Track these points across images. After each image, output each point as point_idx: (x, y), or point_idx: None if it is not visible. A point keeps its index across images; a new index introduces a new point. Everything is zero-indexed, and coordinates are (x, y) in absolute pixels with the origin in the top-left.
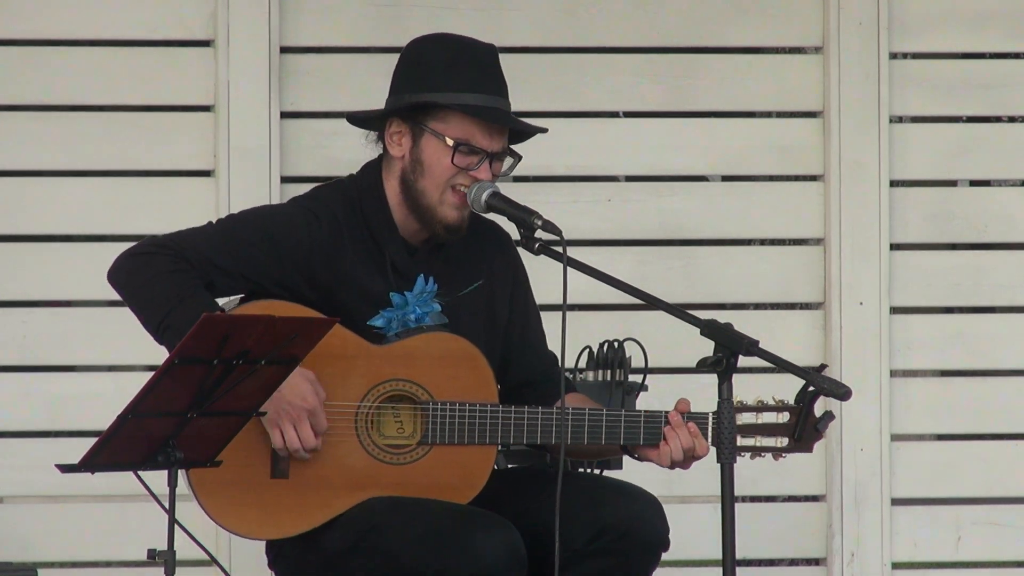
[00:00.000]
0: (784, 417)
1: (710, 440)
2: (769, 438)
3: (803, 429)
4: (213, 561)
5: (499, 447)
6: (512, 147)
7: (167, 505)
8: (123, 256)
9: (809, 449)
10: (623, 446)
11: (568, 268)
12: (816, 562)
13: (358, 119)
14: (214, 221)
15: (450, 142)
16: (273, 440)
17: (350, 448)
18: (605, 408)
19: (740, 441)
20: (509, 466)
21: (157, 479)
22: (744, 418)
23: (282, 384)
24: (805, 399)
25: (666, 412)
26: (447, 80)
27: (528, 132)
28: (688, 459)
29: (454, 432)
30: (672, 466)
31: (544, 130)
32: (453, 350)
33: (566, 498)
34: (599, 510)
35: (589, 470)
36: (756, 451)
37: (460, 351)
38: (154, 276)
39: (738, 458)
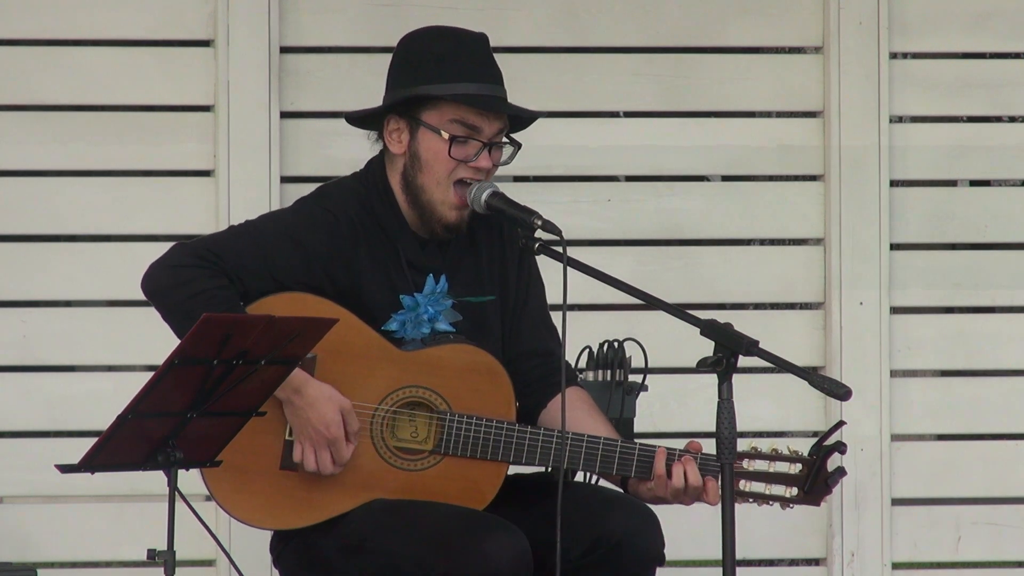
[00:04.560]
0: (796, 468)
1: (720, 482)
2: (778, 486)
3: (814, 483)
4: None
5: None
6: (513, 136)
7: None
8: (159, 268)
9: (817, 503)
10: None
11: (568, 268)
12: (816, 562)
13: (356, 119)
14: (235, 226)
15: (445, 135)
16: (294, 453)
17: (362, 449)
18: (604, 438)
19: (750, 487)
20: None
21: (157, 479)
22: (756, 465)
23: (313, 400)
24: (820, 453)
25: (656, 448)
26: (439, 71)
27: (525, 118)
28: (691, 494)
29: (467, 445)
30: (671, 494)
31: (541, 114)
32: (478, 364)
33: (564, 508)
34: (595, 522)
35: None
36: (764, 499)
37: (484, 365)
38: (195, 292)
39: (745, 504)
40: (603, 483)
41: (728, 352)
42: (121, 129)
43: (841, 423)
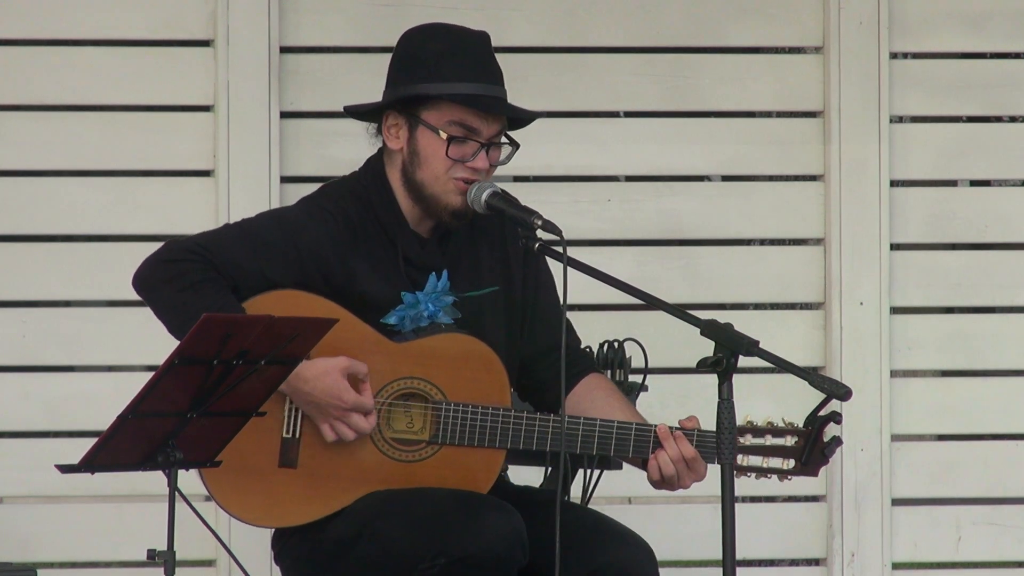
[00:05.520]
0: (792, 440)
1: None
2: (776, 459)
3: (810, 453)
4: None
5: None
6: (511, 135)
7: (193, 508)
8: (150, 263)
9: (815, 473)
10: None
11: (568, 268)
12: (816, 562)
13: (356, 112)
14: (230, 224)
15: (443, 135)
16: (325, 435)
17: (360, 442)
18: (600, 420)
19: (747, 461)
20: (511, 481)
21: (157, 479)
22: (752, 439)
23: (313, 380)
24: (815, 424)
25: (655, 426)
26: (439, 70)
27: (524, 119)
28: (685, 474)
29: (464, 434)
30: (664, 480)
31: (540, 115)
32: (471, 352)
33: (562, 534)
34: (593, 554)
35: (589, 471)
36: (762, 472)
37: (478, 353)
38: (185, 286)
39: (744, 478)
40: (603, 481)
41: (728, 352)
42: (121, 129)
43: (831, 395)
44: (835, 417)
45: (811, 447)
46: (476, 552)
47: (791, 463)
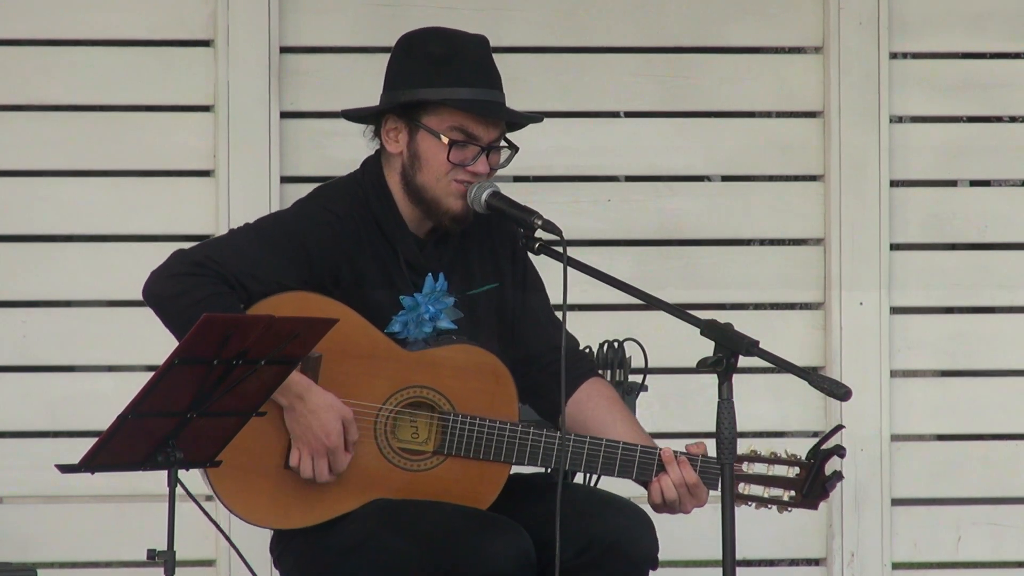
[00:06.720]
0: (794, 471)
1: (720, 482)
2: (777, 489)
3: (812, 486)
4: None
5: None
6: (509, 138)
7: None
8: (159, 277)
9: (814, 506)
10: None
11: (568, 268)
12: (816, 562)
13: (354, 116)
14: (235, 230)
15: (445, 139)
16: (291, 459)
17: (366, 449)
18: (606, 440)
19: (749, 490)
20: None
21: (157, 479)
22: (755, 468)
23: (315, 407)
24: (817, 457)
25: (660, 449)
26: (439, 75)
27: (522, 123)
28: (686, 499)
29: (470, 446)
30: (665, 504)
31: (539, 119)
32: (482, 363)
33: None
34: (588, 523)
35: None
36: (763, 502)
37: (488, 366)
38: (196, 300)
39: (744, 507)
40: (604, 483)
41: (728, 352)
42: (121, 129)
43: (839, 427)
44: (839, 451)
45: (813, 480)
46: (484, 574)
47: (792, 494)
